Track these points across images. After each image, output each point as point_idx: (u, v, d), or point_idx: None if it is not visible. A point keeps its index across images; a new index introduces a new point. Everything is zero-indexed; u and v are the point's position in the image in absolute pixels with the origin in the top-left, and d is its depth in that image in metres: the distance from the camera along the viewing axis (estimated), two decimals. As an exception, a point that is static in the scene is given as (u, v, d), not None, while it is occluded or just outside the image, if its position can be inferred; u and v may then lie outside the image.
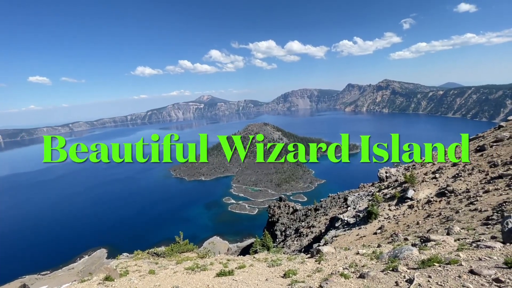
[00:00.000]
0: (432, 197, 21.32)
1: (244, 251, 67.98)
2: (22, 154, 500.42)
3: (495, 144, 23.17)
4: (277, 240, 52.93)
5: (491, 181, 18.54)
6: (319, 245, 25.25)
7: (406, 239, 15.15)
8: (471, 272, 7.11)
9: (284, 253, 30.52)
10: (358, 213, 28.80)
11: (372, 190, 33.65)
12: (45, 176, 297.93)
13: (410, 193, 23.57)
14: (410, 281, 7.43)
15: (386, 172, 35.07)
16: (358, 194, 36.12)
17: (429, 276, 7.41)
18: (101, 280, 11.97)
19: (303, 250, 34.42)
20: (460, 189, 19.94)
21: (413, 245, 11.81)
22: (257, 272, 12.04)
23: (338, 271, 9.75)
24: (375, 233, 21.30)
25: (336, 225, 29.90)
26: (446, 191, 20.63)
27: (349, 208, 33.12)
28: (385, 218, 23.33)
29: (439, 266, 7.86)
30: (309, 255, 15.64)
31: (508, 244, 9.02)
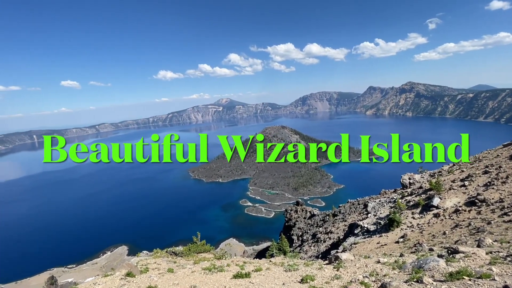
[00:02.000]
0: (460, 206, 20.09)
1: (260, 255, 67.64)
2: (53, 154, 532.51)
3: (532, 150, 21.45)
4: (294, 244, 52.20)
5: (528, 191, 17.16)
6: (337, 252, 24.59)
7: (431, 250, 14.38)
8: (506, 288, 6.60)
9: (300, 258, 30.04)
10: (379, 220, 27.74)
11: (394, 197, 32.31)
12: (72, 175, 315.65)
13: (436, 201, 22.37)
14: (436, 294, 7.02)
15: (409, 179, 33.58)
16: (379, 201, 34.82)
17: (458, 290, 6.97)
18: (123, 275, 12.43)
19: (320, 256, 33.67)
20: (493, 199, 18.63)
21: (440, 256, 11.17)
22: (273, 276, 11.95)
23: (358, 279, 9.44)
24: (397, 242, 20.40)
25: (355, 232, 28.99)
26: (476, 200, 19.36)
27: (369, 214, 32.01)
28: (408, 227, 22.29)
29: (469, 279, 7.37)
30: (327, 262, 15.27)
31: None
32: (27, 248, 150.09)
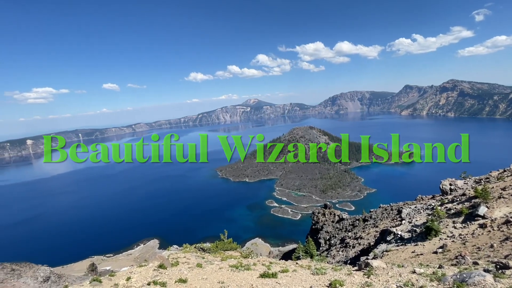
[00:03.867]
0: (512, 217, 18.05)
1: (286, 256, 67.11)
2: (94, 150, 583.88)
3: None
4: (321, 248, 50.98)
5: None
6: (367, 258, 23.50)
7: (475, 263, 13.14)
8: None
9: (328, 262, 29.27)
10: (414, 228, 25.98)
11: (433, 204, 30.03)
12: (110, 171, 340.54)
13: (482, 210, 20.36)
14: (482, 311, 6.40)
15: (450, 184, 31.00)
16: (415, 207, 32.62)
17: (508, 310, 6.28)
18: (156, 267, 13.18)
19: (348, 262, 32.46)
20: (552, 210, 16.48)
21: (486, 270, 10.16)
22: (300, 278, 11.79)
23: (391, 289, 8.94)
24: (435, 252, 18.93)
25: (388, 239, 27.46)
26: (531, 211, 17.26)
27: (403, 221, 30.12)
28: (448, 236, 20.57)
29: (522, 299, 6.60)
30: (356, 268, 14.69)
31: None
32: (72, 236, 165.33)
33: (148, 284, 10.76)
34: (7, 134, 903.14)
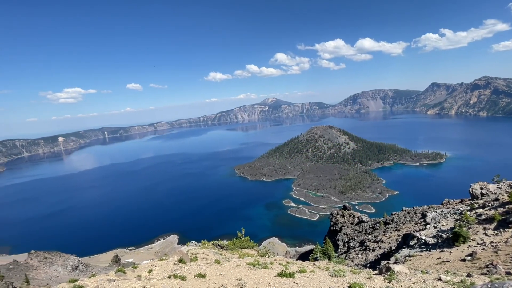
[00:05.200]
0: (552, 225, 16.64)
1: (303, 257, 66.51)
2: (119, 148, 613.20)
3: None
4: (339, 250, 49.96)
5: None
6: (388, 263, 22.71)
7: (509, 274, 12.29)
8: None
9: (346, 265, 28.65)
10: (440, 233, 24.72)
11: (461, 208, 28.38)
12: (134, 167, 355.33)
13: (517, 217, 18.93)
14: (515, 325, 5.98)
15: (481, 188, 29.10)
16: (441, 211, 31.00)
17: (547, 325, 5.82)
18: (176, 261, 13.61)
19: (368, 265, 31.54)
20: None
21: (521, 281, 9.44)
22: (318, 279, 11.65)
23: (414, 295, 8.58)
24: (463, 260, 17.89)
25: (411, 243, 26.34)
26: None
27: (428, 226, 28.74)
28: (478, 244, 19.36)
29: None
30: (376, 272, 14.28)
31: None
32: (98, 229, 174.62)
33: (169, 277, 11.13)
34: (41, 132, 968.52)
